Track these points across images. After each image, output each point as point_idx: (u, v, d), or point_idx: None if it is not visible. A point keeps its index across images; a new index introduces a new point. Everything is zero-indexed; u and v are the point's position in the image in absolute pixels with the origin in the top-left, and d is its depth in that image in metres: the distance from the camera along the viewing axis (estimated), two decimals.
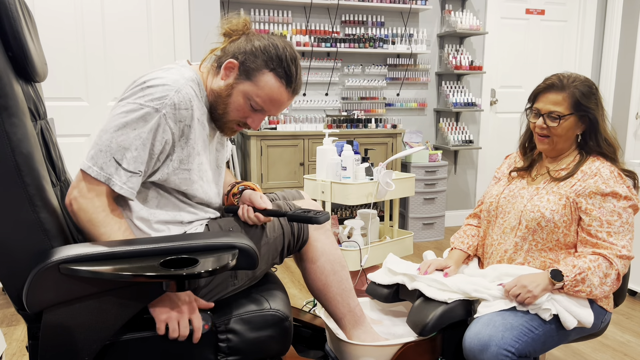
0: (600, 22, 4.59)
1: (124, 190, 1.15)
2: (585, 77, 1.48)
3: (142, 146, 1.15)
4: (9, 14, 1.06)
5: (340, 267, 1.43)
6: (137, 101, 1.16)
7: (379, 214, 3.03)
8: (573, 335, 1.44)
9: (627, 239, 1.39)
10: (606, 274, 1.37)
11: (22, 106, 1.09)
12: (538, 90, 1.50)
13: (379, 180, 2.28)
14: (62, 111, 3.26)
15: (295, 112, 3.92)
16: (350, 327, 1.44)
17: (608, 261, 1.37)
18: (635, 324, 2.50)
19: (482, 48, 4.35)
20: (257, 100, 1.25)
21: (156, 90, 1.17)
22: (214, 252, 1.10)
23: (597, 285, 1.36)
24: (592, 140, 1.48)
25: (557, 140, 1.48)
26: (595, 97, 1.46)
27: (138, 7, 3.37)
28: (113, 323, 1.09)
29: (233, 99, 1.26)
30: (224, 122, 1.30)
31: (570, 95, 1.43)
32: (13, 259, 1.08)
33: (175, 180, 1.25)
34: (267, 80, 1.24)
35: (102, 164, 1.14)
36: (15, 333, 2.34)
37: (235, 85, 1.25)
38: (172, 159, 1.22)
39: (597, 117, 1.45)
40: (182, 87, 1.19)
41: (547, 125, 1.46)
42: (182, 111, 1.19)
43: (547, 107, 1.46)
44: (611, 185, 1.40)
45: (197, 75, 1.27)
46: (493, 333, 1.30)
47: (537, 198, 1.48)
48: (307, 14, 3.82)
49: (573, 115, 1.45)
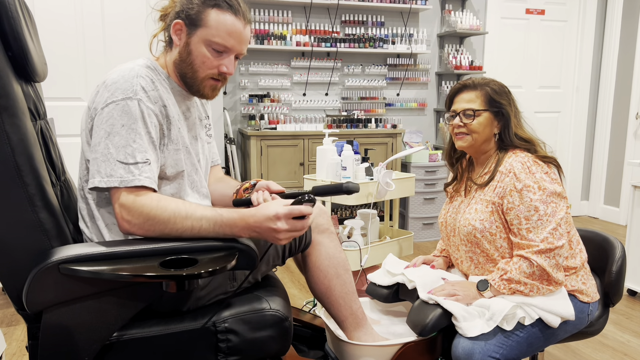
0: (600, 22, 4.59)
1: (142, 181, 1.11)
2: (498, 81, 1.54)
3: (138, 136, 1.13)
4: (9, 14, 1.06)
5: (343, 271, 1.42)
6: (109, 101, 1.14)
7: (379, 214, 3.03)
8: (563, 334, 1.44)
9: (548, 231, 1.36)
10: (529, 273, 1.36)
11: (22, 106, 1.09)
12: (452, 93, 1.54)
13: (379, 180, 2.28)
14: (62, 111, 3.26)
15: (295, 112, 3.92)
16: (352, 328, 1.44)
17: (527, 260, 1.36)
18: (635, 324, 2.50)
19: (482, 48, 4.35)
20: (217, 40, 1.22)
21: (118, 83, 1.16)
22: (213, 252, 1.10)
23: (529, 284, 1.37)
24: (506, 137, 1.49)
25: (476, 137, 1.48)
26: (507, 96, 1.50)
27: (138, 8, 3.37)
28: (113, 323, 1.09)
29: (194, 53, 1.23)
30: (198, 83, 1.27)
31: (482, 92, 1.48)
32: (13, 259, 1.08)
33: (170, 162, 1.24)
34: (213, 17, 1.21)
35: (109, 171, 1.11)
36: (15, 333, 2.34)
37: (189, 39, 1.23)
38: (165, 142, 1.22)
39: (509, 112, 1.48)
40: (139, 71, 1.19)
41: (463, 123, 1.48)
42: (151, 92, 1.18)
43: (461, 106, 1.49)
44: (522, 179, 1.39)
45: (151, 61, 1.27)
46: (477, 342, 1.32)
47: (468, 210, 1.49)
48: (307, 13, 3.82)
49: (487, 111, 1.47)
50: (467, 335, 1.34)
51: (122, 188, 1.10)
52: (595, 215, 4.77)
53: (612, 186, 4.61)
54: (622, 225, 4.46)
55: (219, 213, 1.12)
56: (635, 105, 4.36)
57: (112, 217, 1.22)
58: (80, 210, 1.27)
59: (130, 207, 1.10)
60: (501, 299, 1.38)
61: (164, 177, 1.25)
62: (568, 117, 4.76)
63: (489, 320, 1.35)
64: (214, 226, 1.12)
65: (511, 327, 1.35)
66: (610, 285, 1.56)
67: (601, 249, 1.63)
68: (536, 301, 1.37)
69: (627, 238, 2.78)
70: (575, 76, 4.69)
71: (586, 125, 4.74)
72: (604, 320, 1.57)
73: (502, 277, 1.38)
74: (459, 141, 1.51)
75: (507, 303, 1.35)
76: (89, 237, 1.25)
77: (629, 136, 4.42)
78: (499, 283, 1.38)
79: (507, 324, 1.35)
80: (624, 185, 4.47)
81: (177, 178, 1.28)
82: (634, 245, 2.75)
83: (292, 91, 3.91)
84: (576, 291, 1.44)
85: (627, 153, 4.44)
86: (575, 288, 1.43)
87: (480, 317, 1.37)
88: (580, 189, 4.82)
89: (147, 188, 1.13)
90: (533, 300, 1.37)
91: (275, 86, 3.83)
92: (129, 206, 1.10)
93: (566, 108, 4.75)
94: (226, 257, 1.08)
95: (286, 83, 3.85)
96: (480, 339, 1.32)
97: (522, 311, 1.36)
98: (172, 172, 1.25)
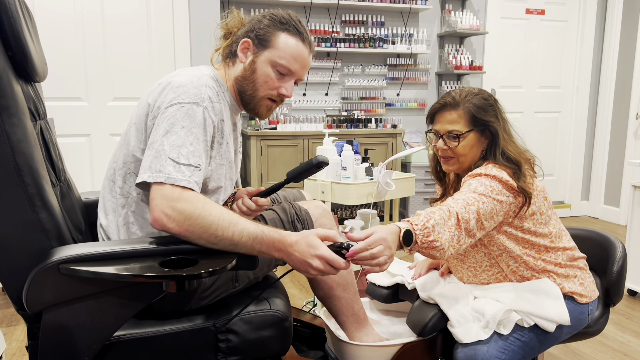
0: (600, 22, 4.59)
1: (191, 184, 1.09)
2: (479, 89, 1.42)
3: (195, 140, 1.13)
4: (9, 14, 1.06)
5: (346, 273, 1.42)
6: (174, 102, 1.14)
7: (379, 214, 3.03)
8: (564, 335, 1.44)
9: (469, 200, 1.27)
10: (448, 216, 1.23)
11: (22, 106, 1.09)
12: (433, 111, 1.43)
13: (379, 180, 2.28)
14: (62, 111, 3.26)
15: (295, 112, 3.92)
16: (353, 329, 1.44)
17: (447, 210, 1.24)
18: (636, 324, 2.50)
19: (482, 48, 4.35)
20: (282, 62, 1.25)
21: (187, 87, 1.16)
22: (213, 252, 1.10)
23: (443, 226, 1.20)
24: (491, 155, 1.39)
25: (463, 159, 1.40)
26: (493, 109, 1.39)
27: (138, 7, 3.37)
28: (113, 323, 1.09)
29: (259, 72, 1.27)
30: (256, 101, 1.29)
31: (465, 111, 1.37)
32: (13, 259, 1.08)
33: (214, 176, 1.24)
34: (283, 39, 1.26)
35: (159, 167, 1.09)
36: (15, 333, 2.34)
37: (256, 58, 1.27)
38: (212, 155, 1.22)
39: (497, 129, 1.38)
40: (207, 81, 1.20)
41: (448, 146, 1.39)
42: (216, 104, 1.19)
43: (444, 127, 1.39)
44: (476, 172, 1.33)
45: (214, 72, 1.29)
46: (478, 347, 1.31)
47: None
48: (307, 13, 3.82)
49: (472, 132, 1.38)
50: (462, 341, 1.33)
51: (167, 184, 1.07)
52: (595, 215, 4.77)
53: (612, 186, 4.61)
54: (622, 225, 4.46)
55: (260, 229, 1.10)
56: (635, 105, 4.36)
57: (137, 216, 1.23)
58: (104, 201, 1.27)
59: (174, 201, 1.06)
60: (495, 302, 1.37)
61: (204, 189, 1.25)
62: (568, 117, 4.76)
63: (485, 327, 1.34)
64: (253, 242, 1.10)
65: (508, 331, 1.34)
66: (611, 285, 1.56)
67: (602, 249, 1.63)
68: (528, 307, 1.35)
69: (627, 238, 2.78)
70: (575, 76, 4.69)
71: (586, 125, 4.74)
72: (604, 321, 1.56)
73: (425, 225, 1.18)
74: (446, 165, 1.43)
75: (501, 307, 1.34)
76: (105, 228, 1.26)
77: (629, 136, 4.42)
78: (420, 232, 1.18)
79: (504, 328, 1.35)
80: (624, 185, 4.47)
81: (215, 192, 1.28)
82: (634, 245, 2.75)
83: None
84: (574, 294, 1.43)
85: (627, 153, 4.44)
86: (573, 290, 1.43)
87: (475, 322, 1.36)
88: (580, 189, 4.82)
89: (193, 192, 1.10)
90: (525, 307, 1.35)
91: None
92: (174, 200, 1.06)
93: (566, 108, 4.75)
94: (226, 257, 1.08)
95: None
96: (481, 344, 1.32)
97: (517, 315, 1.36)
98: (213, 186, 1.26)
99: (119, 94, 3.40)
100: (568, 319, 1.37)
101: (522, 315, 1.36)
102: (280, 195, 1.59)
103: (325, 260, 1.10)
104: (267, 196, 1.40)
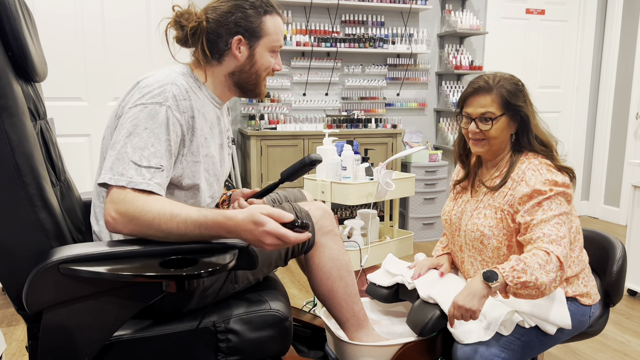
0: (600, 22, 4.59)
1: (150, 187, 1.10)
2: (510, 74, 1.47)
3: (157, 141, 1.13)
4: (9, 14, 1.06)
5: (346, 273, 1.42)
6: (138, 102, 1.15)
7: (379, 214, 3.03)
8: (565, 336, 1.44)
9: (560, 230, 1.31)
10: (546, 260, 1.27)
11: (22, 106, 1.09)
12: (466, 95, 1.47)
13: (379, 180, 2.28)
14: (62, 111, 3.26)
15: (295, 112, 3.92)
16: (354, 330, 1.44)
17: (543, 250, 1.29)
18: (636, 324, 2.50)
19: (482, 48, 4.35)
20: (275, 43, 1.31)
21: (152, 86, 1.17)
22: (213, 252, 1.10)
23: (539, 271, 1.25)
24: (524, 139, 1.45)
25: (493, 142, 1.44)
26: (522, 94, 1.45)
27: (138, 7, 3.37)
28: (113, 323, 1.09)
29: (260, 62, 1.31)
30: (259, 86, 1.35)
31: (498, 95, 1.41)
32: (13, 259, 1.08)
33: (187, 174, 1.24)
34: (270, 23, 1.30)
35: (121, 170, 1.10)
36: (15, 333, 2.34)
37: (253, 50, 1.29)
38: (183, 153, 1.22)
39: (527, 114, 1.43)
40: (175, 79, 1.21)
41: (480, 129, 1.43)
42: (182, 102, 1.19)
43: (477, 111, 1.43)
44: (532, 184, 1.35)
45: (187, 68, 1.29)
46: (478, 346, 1.31)
47: (476, 214, 1.46)
48: (307, 13, 3.82)
49: (504, 115, 1.42)
50: (462, 342, 1.33)
51: (128, 188, 1.08)
52: (595, 215, 4.77)
53: (612, 186, 4.61)
54: (622, 225, 4.46)
55: (204, 215, 1.10)
56: (635, 105, 4.36)
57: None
58: (94, 207, 1.28)
59: (118, 204, 1.07)
60: (498, 304, 1.37)
61: (180, 186, 1.25)
62: (568, 117, 4.76)
63: (487, 329, 1.34)
64: (200, 229, 1.09)
65: (509, 332, 1.34)
66: (611, 285, 1.56)
67: (602, 249, 1.63)
68: (530, 310, 1.35)
69: (627, 238, 2.78)
70: (575, 76, 4.69)
71: (586, 125, 4.74)
72: (604, 321, 1.56)
73: (514, 268, 1.25)
74: (476, 147, 1.46)
75: (505, 308, 1.35)
76: (97, 234, 1.26)
77: (629, 136, 4.42)
78: (509, 273, 1.25)
79: (505, 329, 1.34)
80: (624, 185, 4.47)
81: (192, 189, 1.28)
82: (634, 245, 2.75)
83: (292, 91, 3.91)
84: (578, 295, 1.43)
85: (627, 153, 4.44)
86: (577, 293, 1.43)
87: (476, 322, 1.35)
88: (580, 189, 4.82)
89: (154, 194, 1.11)
90: (528, 309, 1.35)
91: (275, 86, 3.83)
92: (117, 202, 1.08)
93: (566, 108, 4.75)
94: (226, 257, 1.08)
95: (286, 83, 3.85)
96: (481, 344, 1.32)
97: (518, 316, 1.36)
98: (188, 183, 1.26)
99: (119, 94, 3.39)
100: (570, 323, 1.37)
101: (524, 316, 1.36)
102: (280, 196, 1.59)
103: (274, 235, 1.10)
104: (262, 197, 1.40)
